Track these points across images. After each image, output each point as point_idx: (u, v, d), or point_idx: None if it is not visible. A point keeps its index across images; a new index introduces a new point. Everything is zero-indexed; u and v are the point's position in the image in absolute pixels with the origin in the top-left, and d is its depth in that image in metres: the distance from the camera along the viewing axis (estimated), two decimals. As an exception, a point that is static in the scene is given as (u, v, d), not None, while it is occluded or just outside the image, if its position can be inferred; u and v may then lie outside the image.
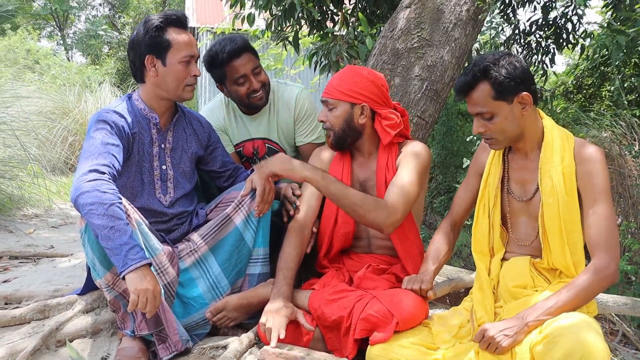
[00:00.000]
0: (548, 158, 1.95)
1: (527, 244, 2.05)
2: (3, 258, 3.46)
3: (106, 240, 1.92)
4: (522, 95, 1.91)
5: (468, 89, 1.94)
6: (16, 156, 4.95)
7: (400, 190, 2.19)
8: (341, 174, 2.42)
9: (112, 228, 1.91)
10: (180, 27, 2.30)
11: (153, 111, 2.35)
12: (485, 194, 2.09)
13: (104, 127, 2.18)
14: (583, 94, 6.76)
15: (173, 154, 2.42)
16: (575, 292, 1.78)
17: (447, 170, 5.94)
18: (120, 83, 13.63)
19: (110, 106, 2.31)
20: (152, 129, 2.36)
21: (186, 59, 2.28)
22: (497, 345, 1.74)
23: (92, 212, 1.93)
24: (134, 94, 2.39)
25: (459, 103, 6.24)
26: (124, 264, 1.90)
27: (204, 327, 2.31)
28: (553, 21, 4.98)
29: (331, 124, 2.36)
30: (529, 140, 2.01)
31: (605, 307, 2.63)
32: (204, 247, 2.35)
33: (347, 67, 2.40)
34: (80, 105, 7.58)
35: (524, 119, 1.95)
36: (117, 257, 1.91)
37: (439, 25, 2.96)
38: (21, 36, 14.08)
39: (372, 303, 2.04)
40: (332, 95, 2.34)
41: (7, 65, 8.11)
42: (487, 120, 1.95)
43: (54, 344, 2.19)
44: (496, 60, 1.90)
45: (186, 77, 2.30)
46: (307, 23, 4.71)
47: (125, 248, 1.90)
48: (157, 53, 2.27)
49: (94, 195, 1.94)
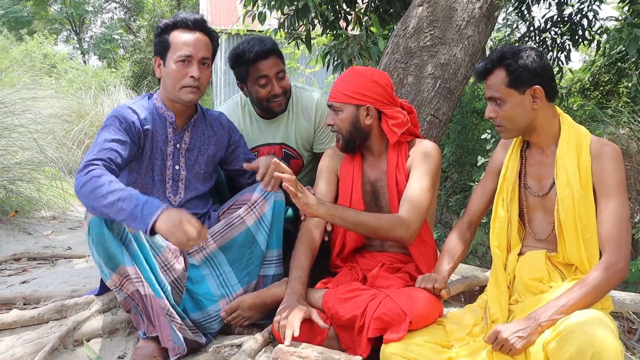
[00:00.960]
0: (564, 153, 1.96)
1: (543, 238, 2.05)
2: (22, 259, 3.50)
3: (119, 213, 1.93)
4: (535, 88, 1.94)
5: (485, 73, 2.01)
6: (34, 159, 5.01)
7: (414, 202, 2.22)
8: (352, 175, 2.42)
9: (118, 200, 1.93)
10: (186, 29, 2.30)
11: (169, 110, 2.36)
12: (504, 188, 2.11)
13: (113, 122, 2.21)
14: (600, 91, 6.70)
15: (188, 155, 2.42)
16: (586, 290, 1.78)
17: (462, 169, 5.92)
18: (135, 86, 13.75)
19: (128, 102, 2.34)
20: (167, 128, 2.37)
21: (181, 58, 2.26)
22: (510, 347, 1.73)
23: (96, 197, 1.95)
24: (155, 93, 2.41)
25: (474, 101, 6.21)
26: (144, 224, 1.91)
27: (214, 323, 2.31)
28: (568, 17, 4.94)
29: (339, 128, 2.35)
30: (544, 135, 2.02)
31: (623, 305, 2.61)
32: (213, 244, 2.36)
33: (349, 69, 2.40)
34: (96, 108, 7.65)
35: (535, 113, 1.98)
36: (135, 222, 1.93)
37: (452, 23, 2.95)
38: (37, 41, 14.23)
39: (385, 302, 2.03)
40: (337, 99, 2.33)
41: (25, 70, 8.19)
42: (498, 106, 2.00)
43: (72, 344, 2.22)
44: (517, 51, 1.96)
45: (182, 78, 2.27)
46: (320, 23, 4.72)
47: (137, 210, 1.92)
48: (160, 54, 2.31)
49: (91, 183, 1.97)
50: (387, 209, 2.38)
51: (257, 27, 5.80)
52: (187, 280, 2.32)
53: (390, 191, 2.36)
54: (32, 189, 4.86)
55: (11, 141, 4.93)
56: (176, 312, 2.15)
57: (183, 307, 2.28)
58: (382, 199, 2.41)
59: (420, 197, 2.23)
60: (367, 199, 2.42)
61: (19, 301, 2.59)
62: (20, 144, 4.99)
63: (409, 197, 2.24)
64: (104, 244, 2.01)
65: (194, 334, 2.20)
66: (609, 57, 6.23)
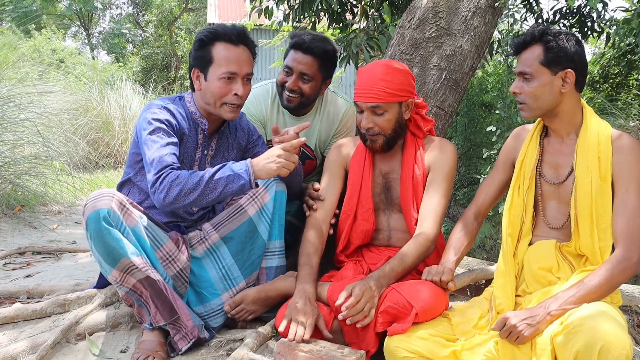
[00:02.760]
0: (585, 141, 1.95)
1: (557, 226, 2.04)
2: (26, 253, 3.51)
3: (215, 190, 2.04)
4: (567, 72, 1.94)
5: (522, 47, 2.00)
6: (41, 153, 5.02)
7: (434, 216, 2.26)
8: (362, 167, 2.39)
9: (208, 181, 2.03)
10: (230, 42, 2.22)
11: (204, 118, 2.33)
12: (521, 174, 2.09)
13: (160, 126, 2.17)
14: (609, 84, 6.63)
15: (213, 162, 2.40)
16: (597, 282, 1.77)
17: (470, 162, 5.87)
18: (144, 81, 13.77)
19: (162, 102, 2.28)
20: (199, 134, 2.34)
21: (225, 75, 2.20)
22: (518, 334, 1.72)
23: (186, 195, 2.02)
24: (187, 96, 2.36)
25: (482, 94, 6.16)
26: (249, 179, 2.05)
27: (217, 317, 2.30)
28: (577, 9, 4.87)
29: (382, 129, 2.29)
30: (566, 123, 2.01)
31: (632, 299, 2.59)
32: (215, 235, 2.35)
33: (385, 66, 2.29)
34: (103, 102, 7.65)
35: (562, 97, 1.97)
36: (237, 184, 2.04)
37: (458, 14, 2.90)
38: (46, 36, 14.24)
39: (391, 295, 2.02)
40: (383, 100, 2.25)
41: (33, 65, 8.20)
42: (526, 82, 1.98)
43: (74, 338, 2.21)
44: (559, 33, 1.96)
45: (225, 95, 2.22)
46: (326, 15, 4.69)
47: (230, 177, 2.04)
48: (200, 67, 2.25)
49: (173, 188, 2.02)
50: (397, 202, 2.37)
51: (264, 22, 5.77)
52: (190, 273, 2.31)
53: (403, 184, 2.34)
54: (38, 183, 4.87)
55: (18, 135, 4.94)
56: None
57: (186, 300, 2.27)
58: (393, 191, 2.38)
59: (439, 208, 2.28)
60: (377, 190, 2.40)
61: (22, 295, 2.59)
62: (27, 138, 5.00)
63: (433, 210, 2.26)
64: (103, 239, 2.00)
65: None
66: (618, 49, 6.16)
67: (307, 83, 2.66)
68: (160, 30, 23.09)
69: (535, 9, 4.89)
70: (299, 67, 2.64)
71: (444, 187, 2.31)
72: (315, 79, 2.67)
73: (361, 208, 2.37)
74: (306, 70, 2.64)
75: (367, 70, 2.30)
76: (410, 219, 2.31)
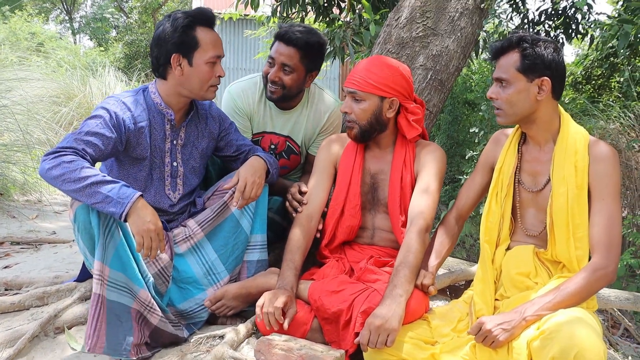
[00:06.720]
0: (562, 150, 1.95)
1: (534, 234, 2.05)
2: (5, 244, 3.46)
3: (91, 197, 1.93)
4: (543, 80, 1.93)
5: (500, 52, 2.00)
6: (20, 141, 4.93)
7: (428, 213, 2.22)
8: (352, 165, 2.39)
9: (91, 185, 1.93)
10: (208, 26, 2.25)
11: (169, 107, 2.30)
12: (499, 182, 2.10)
13: (103, 115, 2.14)
14: (592, 85, 6.70)
15: (184, 150, 2.38)
16: (573, 289, 1.79)
17: (452, 160, 5.91)
18: (126, 68, 13.58)
19: (121, 96, 2.26)
20: (165, 125, 2.32)
21: (213, 59, 2.24)
22: (493, 339, 1.74)
23: (65, 181, 1.93)
24: (151, 87, 2.33)
25: (466, 92, 6.19)
26: (120, 208, 1.92)
27: (201, 314, 2.30)
28: (562, 11, 4.91)
29: (357, 117, 2.29)
30: (543, 130, 2.01)
31: (607, 302, 2.63)
32: (200, 233, 2.35)
33: (376, 58, 2.33)
34: (85, 89, 7.54)
35: (538, 104, 1.96)
36: (109, 206, 1.93)
37: (445, 14, 2.91)
38: (23, 17, 13.83)
39: (372, 296, 2.03)
40: (361, 88, 2.26)
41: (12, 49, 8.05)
42: (502, 88, 1.98)
43: (53, 331, 2.20)
44: (537, 40, 1.95)
45: (211, 78, 2.26)
46: (313, 9, 4.67)
47: (113, 195, 1.93)
48: (184, 52, 2.22)
49: (60, 167, 1.94)
50: (384, 202, 2.37)
51: (250, 13, 5.73)
52: (173, 270, 2.30)
53: (392, 185, 2.34)
54: (17, 172, 4.79)
55: (-4, 122, 4.85)
56: (157, 304, 2.13)
57: (169, 298, 2.26)
58: (380, 192, 2.39)
59: (432, 207, 2.25)
60: (364, 189, 2.40)
61: (0, 287, 2.56)
62: (6, 126, 4.91)
63: (422, 211, 2.22)
64: (90, 232, 1.98)
65: (176, 328, 2.18)
66: (601, 51, 6.22)
67: (288, 74, 2.62)
68: (145, 17, 22.83)
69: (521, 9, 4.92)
70: (280, 59, 2.61)
71: (431, 179, 2.30)
72: (297, 70, 2.63)
73: (349, 204, 2.37)
74: (287, 62, 2.60)
75: (361, 61, 2.33)
76: (397, 220, 2.32)
